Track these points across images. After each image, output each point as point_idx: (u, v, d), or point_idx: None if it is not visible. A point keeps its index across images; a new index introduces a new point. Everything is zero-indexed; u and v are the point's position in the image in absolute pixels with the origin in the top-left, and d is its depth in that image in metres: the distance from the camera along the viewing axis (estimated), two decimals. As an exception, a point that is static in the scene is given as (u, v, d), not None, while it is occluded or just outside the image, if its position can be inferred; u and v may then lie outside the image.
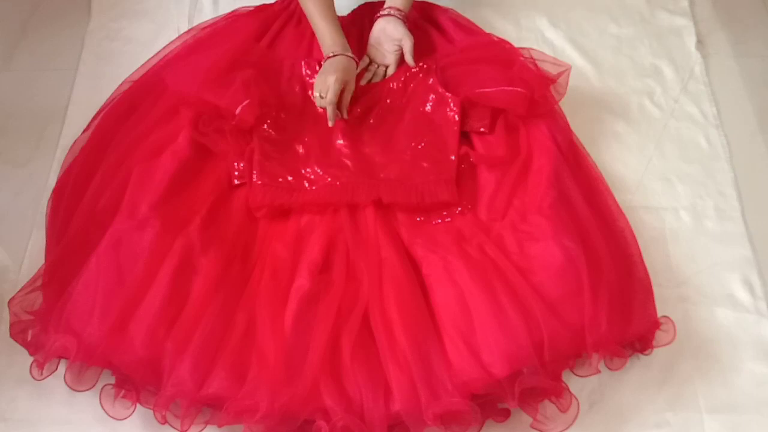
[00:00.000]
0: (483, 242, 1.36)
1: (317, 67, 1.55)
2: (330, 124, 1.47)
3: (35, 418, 1.29)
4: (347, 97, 1.50)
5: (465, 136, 1.51)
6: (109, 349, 1.22)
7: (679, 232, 1.52)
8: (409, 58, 1.55)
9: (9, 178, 1.58)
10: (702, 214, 1.54)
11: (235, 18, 1.68)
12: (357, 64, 1.55)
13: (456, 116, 1.50)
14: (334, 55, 1.50)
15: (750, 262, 1.48)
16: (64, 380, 1.26)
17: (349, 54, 1.52)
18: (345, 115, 1.50)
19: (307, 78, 1.56)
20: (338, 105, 1.49)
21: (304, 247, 1.37)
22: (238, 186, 1.45)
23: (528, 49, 1.58)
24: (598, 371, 1.27)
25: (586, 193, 1.45)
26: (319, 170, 1.45)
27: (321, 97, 1.47)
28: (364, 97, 1.55)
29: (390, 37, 1.57)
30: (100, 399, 1.25)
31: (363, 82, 1.58)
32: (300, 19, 1.64)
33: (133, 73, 1.62)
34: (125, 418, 1.24)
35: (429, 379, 1.21)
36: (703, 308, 1.42)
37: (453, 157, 1.46)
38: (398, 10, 1.58)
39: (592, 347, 1.24)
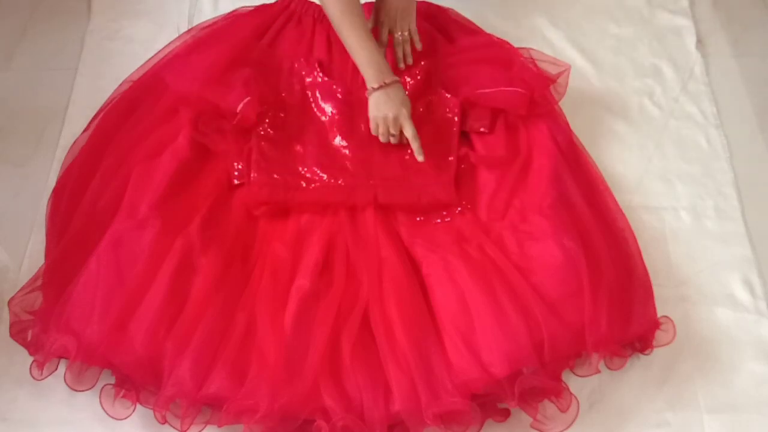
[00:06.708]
0: (483, 242, 1.36)
1: (316, 66, 1.55)
2: (420, 158, 1.41)
3: (35, 418, 1.29)
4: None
5: (465, 137, 1.51)
6: (109, 349, 1.22)
7: (679, 232, 1.52)
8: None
9: (9, 178, 1.58)
10: (702, 214, 1.54)
11: (235, 18, 1.68)
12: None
13: (455, 117, 1.50)
14: (386, 84, 1.42)
15: (750, 262, 1.48)
16: (64, 380, 1.26)
17: (398, 79, 1.44)
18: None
19: (306, 77, 1.56)
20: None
21: (304, 247, 1.37)
22: (238, 186, 1.45)
23: (528, 49, 1.58)
24: (598, 371, 1.28)
25: (586, 193, 1.45)
26: (317, 170, 1.45)
27: (393, 135, 1.44)
28: (363, 98, 1.54)
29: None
30: (100, 399, 1.25)
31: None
32: (300, 19, 1.64)
33: (133, 73, 1.62)
34: (125, 418, 1.25)
35: (429, 379, 1.21)
36: (703, 308, 1.42)
37: (451, 158, 1.46)
38: None
39: (592, 347, 1.24)
